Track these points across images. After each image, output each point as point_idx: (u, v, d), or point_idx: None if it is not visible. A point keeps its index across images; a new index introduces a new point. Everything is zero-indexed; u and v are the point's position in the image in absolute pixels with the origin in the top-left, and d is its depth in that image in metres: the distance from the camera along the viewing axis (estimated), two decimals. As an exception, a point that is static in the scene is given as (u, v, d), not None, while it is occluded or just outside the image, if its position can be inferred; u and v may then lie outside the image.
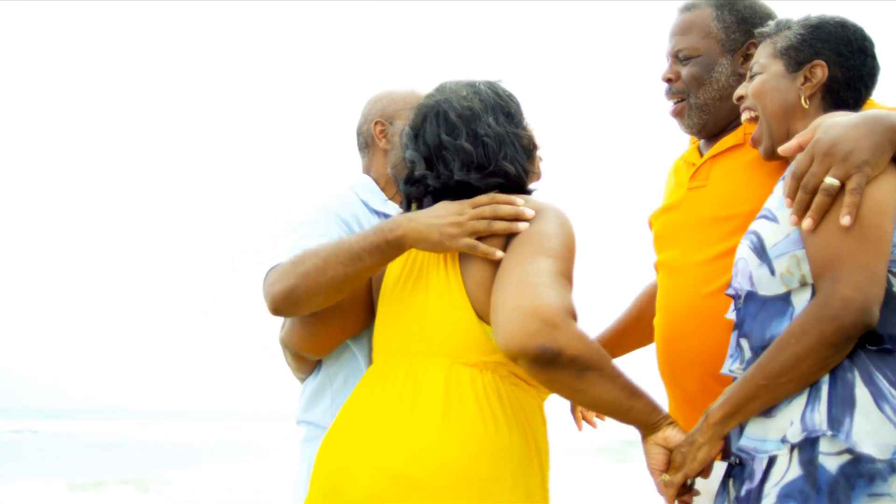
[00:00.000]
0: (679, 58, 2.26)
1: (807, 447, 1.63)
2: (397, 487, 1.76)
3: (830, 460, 1.60)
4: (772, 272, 1.75)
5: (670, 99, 2.29)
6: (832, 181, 1.67)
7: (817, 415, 1.63)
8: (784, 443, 1.66)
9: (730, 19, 2.23)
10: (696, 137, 2.33)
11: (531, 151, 2.00)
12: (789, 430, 1.66)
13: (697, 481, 1.83)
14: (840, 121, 1.73)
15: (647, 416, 1.79)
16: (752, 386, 1.70)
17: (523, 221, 1.86)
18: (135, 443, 27.29)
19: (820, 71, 1.91)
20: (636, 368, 1.83)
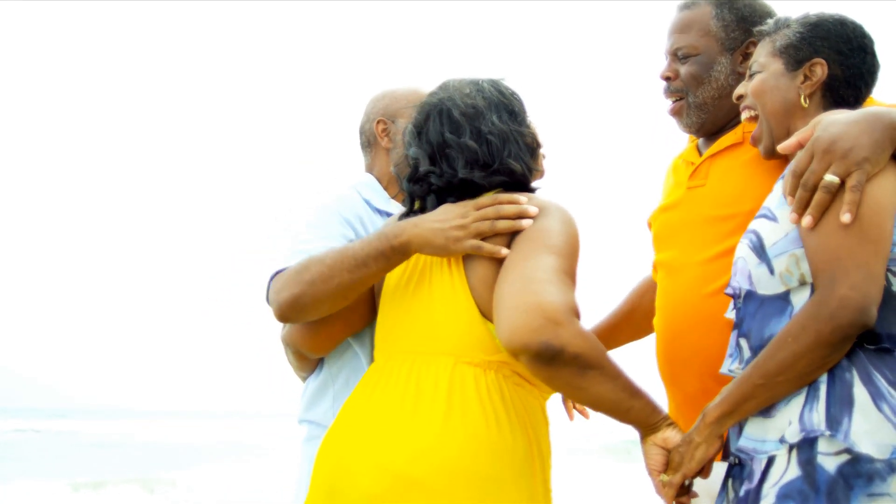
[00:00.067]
0: (678, 56, 2.25)
1: (805, 447, 1.63)
2: (398, 487, 1.75)
3: (829, 460, 1.60)
4: (771, 271, 1.74)
5: (669, 97, 2.28)
6: (832, 178, 1.66)
7: (815, 415, 1.63)
8: (782, 443, 1.65)
9: (729, 18, 2.21)
10: (695, 136, 2.32)
11: (535, 149, 2.00)
12: (788, 430, 1.65)
13: (697, 482, 1.82)
14: (840, 118, 1.73)
15: (647, 417, 1.78)
16: (750, 385, 1.69)
17: (527, 219, 1.85)
18: (137, 443, 27.29)
19: (820, 69, 1.91)
20: (636, 369, 1.82)
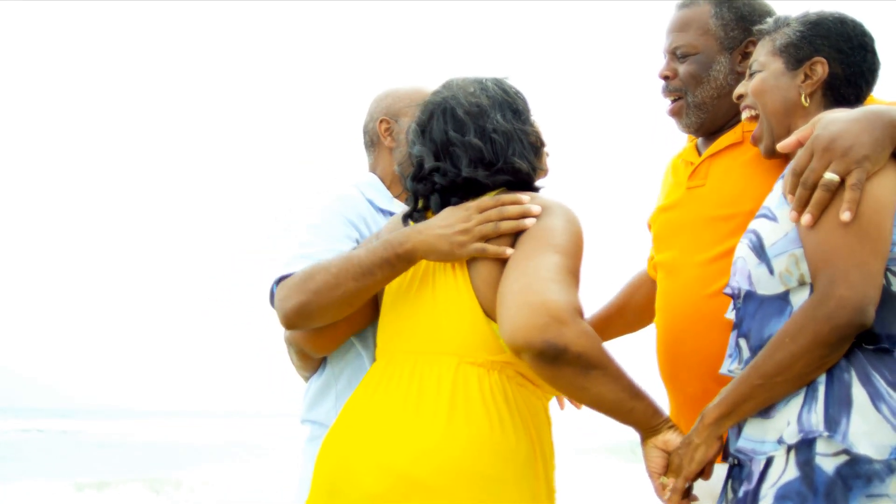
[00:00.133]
0: (676, 55, 2.23)
1: (804, 448, 1.62)
2: (400, 487, 1.75)
3: (827, 461, 1.59)
4: (770, 271, 1.73)
5: (667, 97, 2.27)
6: (832, 177, 1.65)
7: (814, 415, 1.62)
8: (781, 444, 1.65)
9: (728, 17, 2.20)
10: (694, 136, 2.30)
11: (539, 148, 2.00)
12: (786, 431, 1.64)
13: (698, 484, 1.81)
14: (840, 116, 1.72)
15: (648, 419, 1.78)
16: (748, 386, 1.69)
17: (530, 218, 1.85)
18: (139, 443, 27.31)
19: (820, 68, 1.90)
20: (637, 369, 1.81)
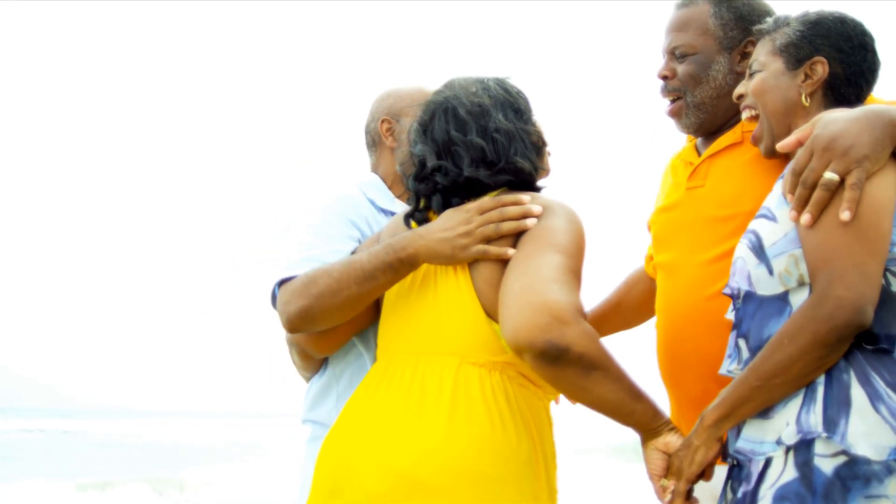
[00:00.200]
0: (675, 55, 2.22)
1: (802, 449, 1.61)
2: (401, 487, 1.75)
3: (826, 462, 1.59)
4: (770, 272, 1.73)
5: (666, 97, 2.26)
6: (832, 176, 1.65)
7: (813, 416, 1.62)
8: (780, 444, 1.64)
9: (727, 16, 2.19)
10: (693, 136, 2.30)
11: (540, 148, 1.99)
12: (785, 432, 1.64)
13: (699, 484, 1.81)
14: (840, 115, 1.72)
15: (649, 420, 1.78)
16: (747, 387, 1.68)
17: (531, 218, 1.85)
18: (141, 443, 27.32)
19: (821, 68, 1.90)
20: (637, 370, 1.81)
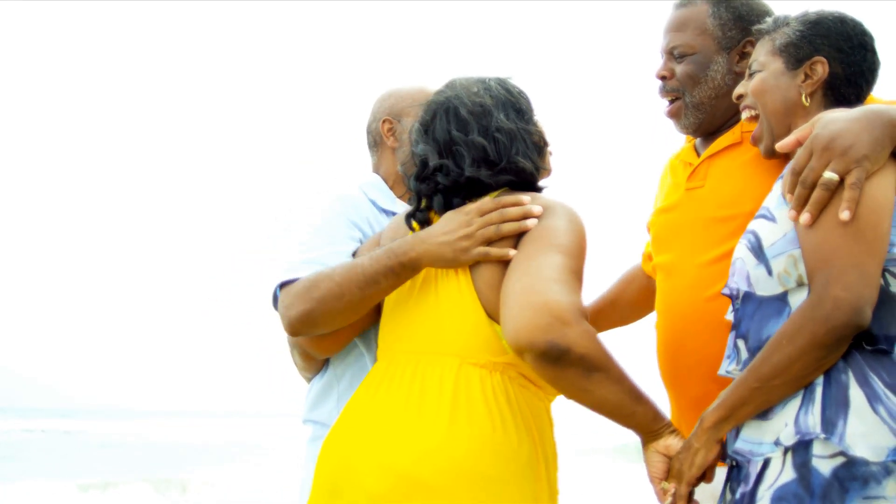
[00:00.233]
0: (674, 55, 2.22)
1: (800, 450, 1.61)
2: (401, 487, 1.75)
3: (824, 463, 1.58)
4: (769, 272, 1.73)
5: (665, 97, 2.25)
6: (831, 176, 1.65)
7: (811, 417, 1.61)
8: (778, 445, 1.64)
9: (726, 16, 2.18)
10: (692, 136, 2.29)
11: (542, 148, 1.99)
12: (783, 433, 1.64)
13: (700, 487, 1.80)
14: (839, 115, 1.71)
15: (650, 423, 1.77)
16: (746, 389, 1.68)
17: (532, 218, 1.85)
18: (142, 443, 27.30)
19: (821, 68, 1.89)
20: (637, 372, 1.81)
